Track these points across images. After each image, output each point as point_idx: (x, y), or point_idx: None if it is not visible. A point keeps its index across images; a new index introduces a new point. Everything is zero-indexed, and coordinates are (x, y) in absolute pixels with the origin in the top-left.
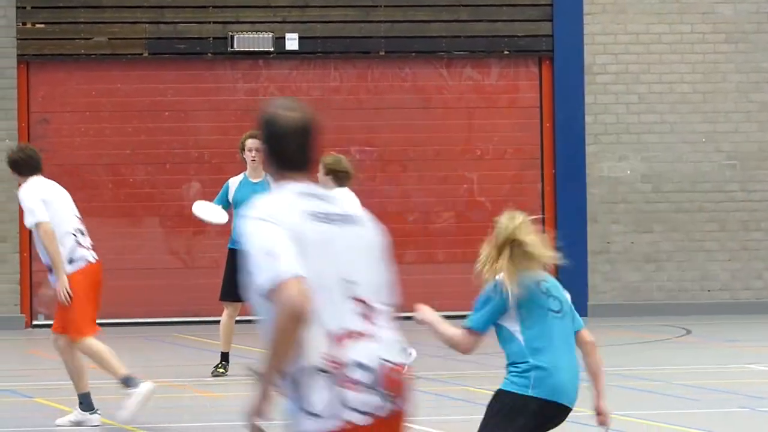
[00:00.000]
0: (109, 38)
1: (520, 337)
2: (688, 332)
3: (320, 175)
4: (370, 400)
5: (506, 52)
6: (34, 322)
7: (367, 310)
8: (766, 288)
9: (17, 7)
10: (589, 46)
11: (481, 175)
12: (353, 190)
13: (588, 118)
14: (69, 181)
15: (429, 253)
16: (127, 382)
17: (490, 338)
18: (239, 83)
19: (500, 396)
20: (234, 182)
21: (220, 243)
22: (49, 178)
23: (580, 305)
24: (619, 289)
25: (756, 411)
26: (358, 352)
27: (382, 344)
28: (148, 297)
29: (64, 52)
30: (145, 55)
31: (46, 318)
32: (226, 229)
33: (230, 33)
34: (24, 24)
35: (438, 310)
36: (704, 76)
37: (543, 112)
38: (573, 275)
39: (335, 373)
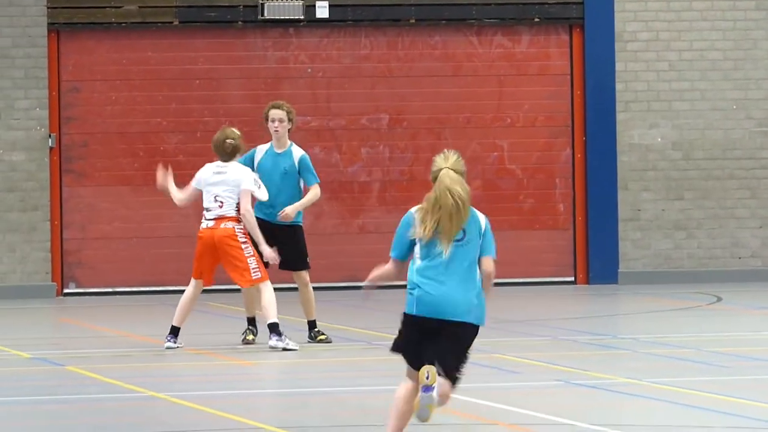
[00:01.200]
0: (139, 7)
1: (418, 262)
2: (719, 299)
3: None
4: None
5: (537, 20)
6: (65, 291)
7: None
8: None
9: None
10: (619, 13)
11: (512, 143)
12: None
13: (618, 86)
14: (100, 149)
15: None
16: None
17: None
18: (269, 51)
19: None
20: (261, 150)
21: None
22: (80, 146)
23: (611, 272)
24: (649, 257)
25: None
26: None
27: None
28: (180, 265)
29: (95, 20)
30: (176, 23)
31: (77, 286)
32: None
33: (260, 1)
34: None
35: None
36: (735, 43)
37: (573, 80)
38: (604, 243)
39: None
